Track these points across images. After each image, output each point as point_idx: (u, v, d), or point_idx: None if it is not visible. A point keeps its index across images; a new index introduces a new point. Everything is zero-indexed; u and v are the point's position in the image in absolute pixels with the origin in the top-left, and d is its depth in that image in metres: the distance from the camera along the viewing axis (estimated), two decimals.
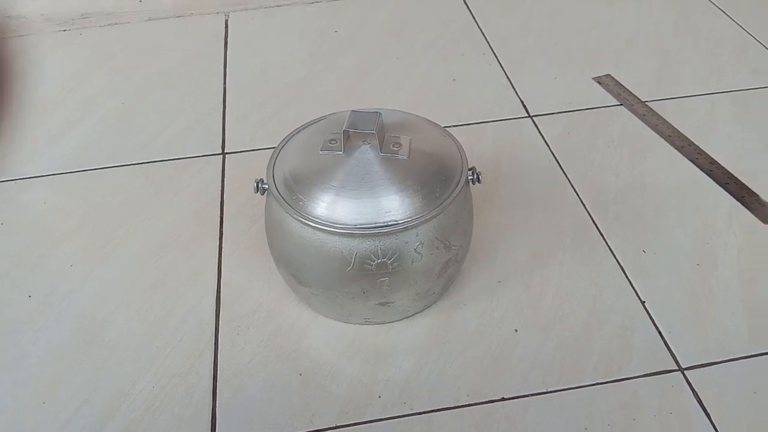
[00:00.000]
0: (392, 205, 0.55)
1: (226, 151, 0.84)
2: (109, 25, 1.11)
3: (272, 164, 0.60)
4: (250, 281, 0.68)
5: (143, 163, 0.83)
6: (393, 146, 0.58)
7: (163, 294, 0.67)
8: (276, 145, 0.62)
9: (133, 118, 0.91)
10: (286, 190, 0.57)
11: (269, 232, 0.62)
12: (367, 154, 0.58)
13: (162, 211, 0.76)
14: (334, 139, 0.58)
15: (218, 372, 0.60)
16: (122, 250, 0.72)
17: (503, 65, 0.98)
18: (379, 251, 0.55)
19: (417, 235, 0.56)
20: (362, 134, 0.58)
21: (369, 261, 0.56)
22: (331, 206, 0.55)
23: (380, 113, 0.58)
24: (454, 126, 0.86)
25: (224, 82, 0.97)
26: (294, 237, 0.57)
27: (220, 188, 0.79)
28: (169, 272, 0.69)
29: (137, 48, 1.06)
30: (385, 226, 0.55)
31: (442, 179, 0.58)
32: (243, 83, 0.97)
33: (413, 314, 0.64)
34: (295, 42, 1.05)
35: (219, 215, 0.75)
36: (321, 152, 0.58)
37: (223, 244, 0.72)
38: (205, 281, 0.68)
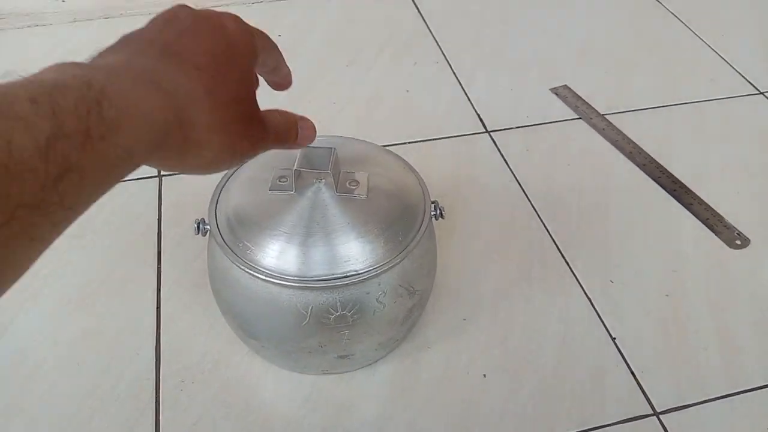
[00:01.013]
0: (351, 253, 0.50)
1: (162, 173, 0.77)
2: (28, 26, 1.01)
3: (215, 203, 0.54)
4: (194, 327, 0.62)
5: None
6: (349, 184, 0.53)
7: (96, 345, 0.60)
8: (218, 182, 0.56)
9: None
10: (231, 236, 0.51)
11: (213, 279, 0.56)
12: (321, 194, 0.52)
13: (91, 246, 0.69)
14: (284, 177, 0.53)
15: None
16: (47, 295, 0.64)
17: (458, 75, 0.93)
18: (338, 304, 0.50)
19: (379, 284, 0.51)
20: (315, 173, 0.53)
21: (327, 315, 0.51)
22: (282, 255, 0.49)
23: (335, 149, 0.53)
24: (408, 143, 0.82)
25: None
26: (241, 288, 0.51)
27: (156, 217, 0.72)
28: (102, 318, 0.62)
29: (60, 52, 0.96)
30: (344, 276, 0.49)
31: (404, 220, 0.53)
32: None
33: (375, 361, 0.59)
34: None
35: (156, 249, 0.69)
36: (270, 192, 0.52)
37: (161, 285, 0.65)
38: (143, 329, 0.61)
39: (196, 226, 0.53)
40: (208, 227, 0.53)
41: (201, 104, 0.31)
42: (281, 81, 0.45)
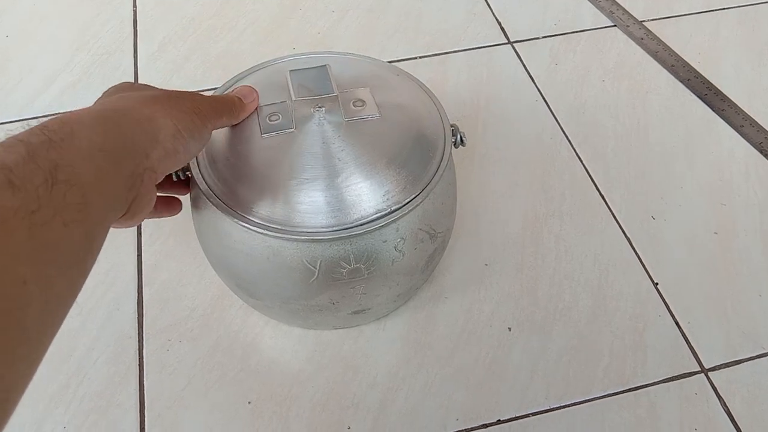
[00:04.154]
0: (363, 196, 0.42)
1: None
2: None
3: None
4: (181, 277, 0.54)
5: (30, 119, 0.66)
6: (354, 105, 0.44)
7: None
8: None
9: (17, 60, 0.73)
10: (219, 184, 0.43)
11: (200, 232, 0.47)
12: (323, 125, 0.43)
13: None
14: (275, 113, 0.44)
15: (145, 404, 0.48)
16: None
17: None
18: (351, 256, 0.42)
19: (397, 230, 0.43)
20: (313, 99, 0.44)
21: (339, 269, 0.43)
22: (282, 203, 0.41)
23: (328, 66, 0.44)
24: (418, 57, 0.72)
25: (134, 7, 0.78)
26: (236, 243, 0.43)
27: None
28: None
29: None
30: (357, 225, 0.41)
31: (421, 151, 0.44)
32: (157, 6, 0.78)
33: (388, 314, 0.52)
34: None
35: None
36: (264, 136, 0.43)
37: (142, 228, 0.57)
38: (123, 280, 0.54)
39: (173, 173, 0.45)
40: (189, 173, 0.44)
41: (122, 99, 0.36)
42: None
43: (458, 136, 0.48)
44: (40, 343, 0.27)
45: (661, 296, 0.54)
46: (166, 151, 0.35)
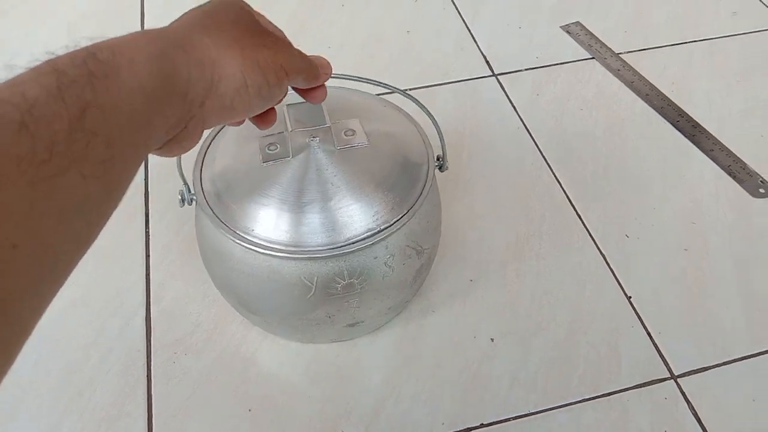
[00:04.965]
0: (355, 216, 0.46)
1: None
2: None
3: (199, 171, 0.49)
4: (186, 296, 0.58)
5: None
6: (345, 134, 0.49)
7: (84, 317, 0.57)
8: (201, 144, 0.51)
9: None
10: (220, 206, 0.47)
11: (205, 253, 0.52)
12: (317, 153, 0.48)
13: None
14: (273, 144, 0.48)
15: (153, 412, 0.52)
16: None
17: (462, 13, 0.87)
18: (345, 272, 0.47)
19: (387, 248, 0.47)
20: (308, 130, 0.48)
21: (334, 284, 0.47)
22: (280, 224, 0.45)
23: (322, 105, 0.48)
24: (409, 89, 0.76)
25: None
26: (237, 263, 0.48)
27: (143, 176, 0.68)
28: (88, 289, 0.59)
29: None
30: (350, 243, 0.46)
31: (407, 174, 0.49)
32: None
33: (381, 326, 0.56)
34: None
35: (144, 211, 0.65)
36: (264, 164, 0.47)
37: (150, 251, 0.62)
38: (133, 298, 0.58)
39: (180, 197, 0.49)
40: (194, 197, 0.49)
41: (200, 27, 0.32)
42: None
43: (441, 162, 0.52)
44: (33, 308, 0.24)
45: (634, 309, 0.58)
46: (222, 105, 0.32)
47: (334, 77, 0.43)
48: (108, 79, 0.25)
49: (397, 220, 0.47)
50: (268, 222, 0.45)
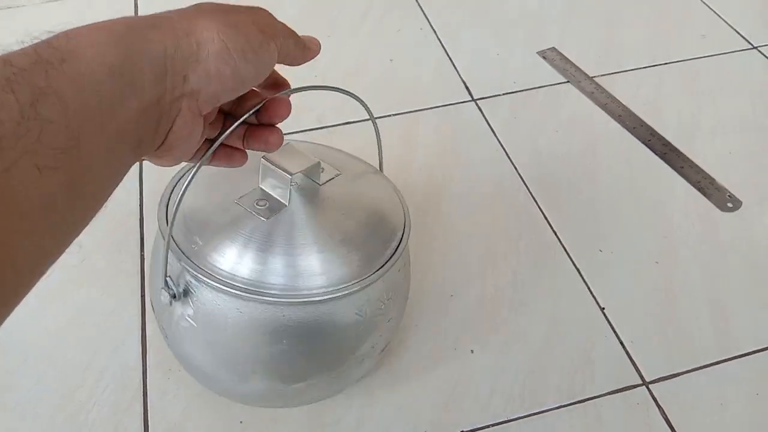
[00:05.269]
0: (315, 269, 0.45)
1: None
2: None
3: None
4: None
5: None
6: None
7: (80, 337, 0.59)
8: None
9: None
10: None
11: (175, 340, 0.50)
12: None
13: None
14: (262, 199, 0.47)
15: (149, 426, 0.54)
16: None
17: (443, 41, 0.91)
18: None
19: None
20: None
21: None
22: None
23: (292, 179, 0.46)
24: (392, 115, 0.80)
25: None
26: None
27: (138, 202, 0.71)
28: (85, 310, 0.61)
29: None
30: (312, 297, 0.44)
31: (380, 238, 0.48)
32: None
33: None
34: None
35: (139, 235, 0.68)
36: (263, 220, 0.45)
37: (144, 272, 0.64)
38: (128, 318, 0.61)
39: (166, 293, 0.45)
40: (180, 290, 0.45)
41: (171, 12, 0.30)
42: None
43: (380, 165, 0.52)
44: None
45: (607, 319, 0.61)
46: (208, 74, 0.29)
47: (293, 91, 0.41)
48: (65, 64, 0.24)
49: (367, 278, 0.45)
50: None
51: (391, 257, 0.47)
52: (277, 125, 0.39)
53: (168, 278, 0.45)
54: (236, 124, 0.37)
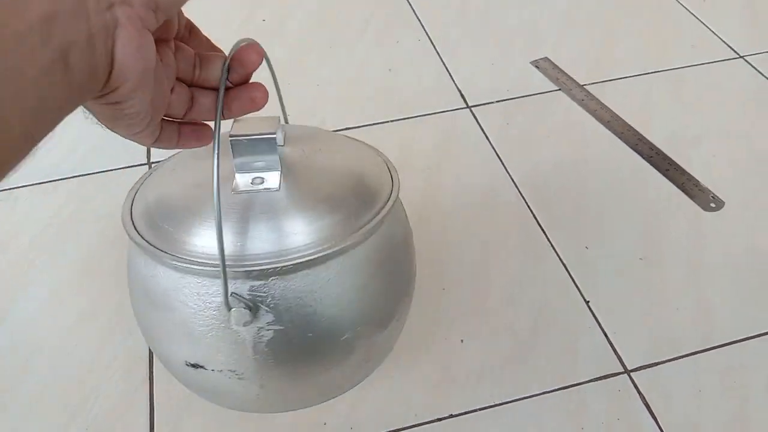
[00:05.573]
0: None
1: (151, 161, 0.80)
2: None
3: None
4: None
5: (61, 179, 0.78)
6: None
7: (91, 327, 0.63)
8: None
9: None
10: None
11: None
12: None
13: (84, 232, 0.72)
14: (257, 177, 0.45)
15: (155, 409, 0.57)
16: (41, 281, 0.67)
17: (439, 51, 0.95)
18: None
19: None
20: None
21: None
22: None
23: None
24: (390, 121, 0.84)
25: None
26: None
27: None
28: (96, 301, 0.65)
29: None
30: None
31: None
32: None
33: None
34: (217, 32, 0.99)
35: None
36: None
37: None
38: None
39: (243, 309, 0.42)
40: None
41: None
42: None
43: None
44: None
45: (591, 312, 0.64)
46: None
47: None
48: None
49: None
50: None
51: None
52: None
53: (233, 295, 0.42)
54: (221, 89, 0.36)
